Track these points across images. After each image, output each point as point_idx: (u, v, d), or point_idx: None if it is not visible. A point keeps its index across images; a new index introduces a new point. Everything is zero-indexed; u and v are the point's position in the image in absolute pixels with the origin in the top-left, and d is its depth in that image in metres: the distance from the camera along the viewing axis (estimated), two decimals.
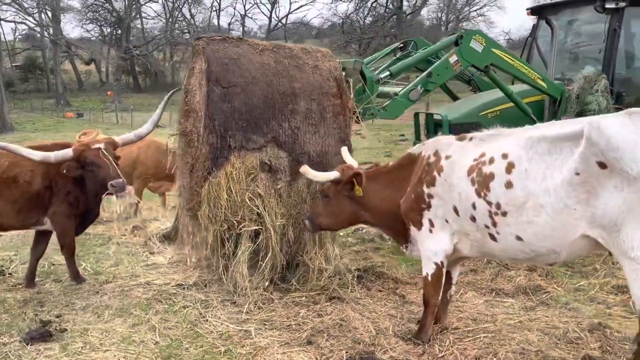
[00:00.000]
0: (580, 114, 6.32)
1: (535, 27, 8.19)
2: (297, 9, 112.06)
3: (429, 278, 4.05)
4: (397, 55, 7.11)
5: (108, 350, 4.05)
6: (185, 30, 65.01)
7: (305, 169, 4.44)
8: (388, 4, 59.66)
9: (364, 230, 7.19)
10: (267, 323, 4.50)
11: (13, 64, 60.32)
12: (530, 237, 3.49)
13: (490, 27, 69.89)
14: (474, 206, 3.68)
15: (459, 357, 3.91)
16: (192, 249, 5.43)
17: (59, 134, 25.67)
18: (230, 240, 4.98)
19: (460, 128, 5.96)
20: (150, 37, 64.59)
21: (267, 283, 4.98)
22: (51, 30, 52.34)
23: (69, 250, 5.31)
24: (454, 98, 7.78)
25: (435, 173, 3.91)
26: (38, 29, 55.07)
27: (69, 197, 5.03)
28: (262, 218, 4.86)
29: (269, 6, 71.06)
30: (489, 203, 3.59)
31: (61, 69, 56.10)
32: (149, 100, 46.19)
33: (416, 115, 7.79)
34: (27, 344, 4.11)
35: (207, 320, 4.56)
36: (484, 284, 5.35)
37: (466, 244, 3.92)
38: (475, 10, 70.41)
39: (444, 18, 71.41)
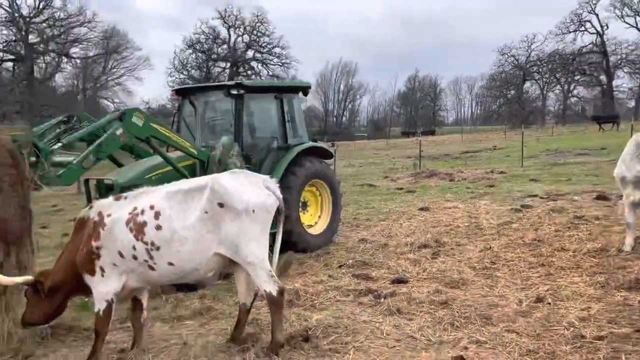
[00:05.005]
0: None
1: (180, 105, 9.87)
2: None
3: (101, 314, 4.95)
4: (62, 128, 7.40)
5: None
6: None
7: None
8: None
9: None
10: None
11: None
12: (179, 261, 4.87)
13: (129, 95, 71.49)
14: (134, 248, 4.84)
15: None
16: None
17: None
18: None
19: (129, 190, 6.24)
20: None
21: None
22: None
23: None
24: (119, 165, 8.38)
25: (100, 229, 4.92)
26: None
27: None
28: None
29: None
30: (145, 243, 4.82)
31: None
32: None
33: (86, 181, 8.25)
34: None
35: None
36: (166, 314, 6.51)
37: (133, 278, 5.01)
38: (114, 80, 71.38)
39: (80, 85, 69.93)
